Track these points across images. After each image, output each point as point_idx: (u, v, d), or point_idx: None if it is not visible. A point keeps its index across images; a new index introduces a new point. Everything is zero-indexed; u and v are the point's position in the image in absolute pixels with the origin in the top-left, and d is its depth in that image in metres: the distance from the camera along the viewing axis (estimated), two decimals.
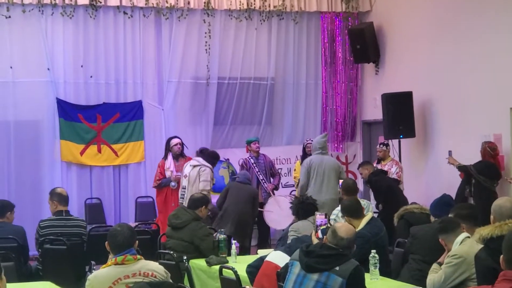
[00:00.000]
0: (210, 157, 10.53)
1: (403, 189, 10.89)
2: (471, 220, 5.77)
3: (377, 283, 5.96)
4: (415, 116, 11.90)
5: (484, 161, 10.15)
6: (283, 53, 13.40)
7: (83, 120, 12.30)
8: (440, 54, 11.72)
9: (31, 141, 12.09)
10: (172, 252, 7.38)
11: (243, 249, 9.38)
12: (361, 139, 13.84)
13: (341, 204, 7.18)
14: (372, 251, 6.10)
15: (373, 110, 13.30)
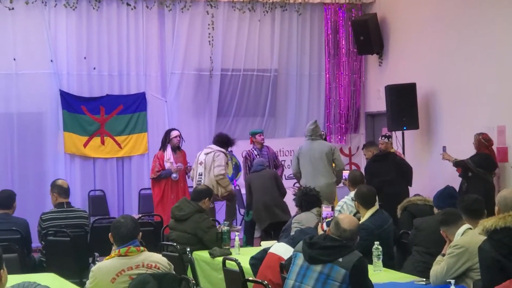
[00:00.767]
0: (220, 142, 10.64)
1: None
2: (477, 215, 5.71)
3: (380, 274, 5.96)
4: (418, 107, 11.87)
5: (481, 154, 10.09)
6: (286, 45, 13.36)
7: (86, 112, 12.29)
8: (444, 45, 11.68)
9: (34, 133, 12.10)
10: (175, 244, 7.39)
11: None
12: (364, 131, 13.82)
13: (358, 189, 7.10)
14: (376, 242, 6.10)
15: (376, 102, 13.27)
